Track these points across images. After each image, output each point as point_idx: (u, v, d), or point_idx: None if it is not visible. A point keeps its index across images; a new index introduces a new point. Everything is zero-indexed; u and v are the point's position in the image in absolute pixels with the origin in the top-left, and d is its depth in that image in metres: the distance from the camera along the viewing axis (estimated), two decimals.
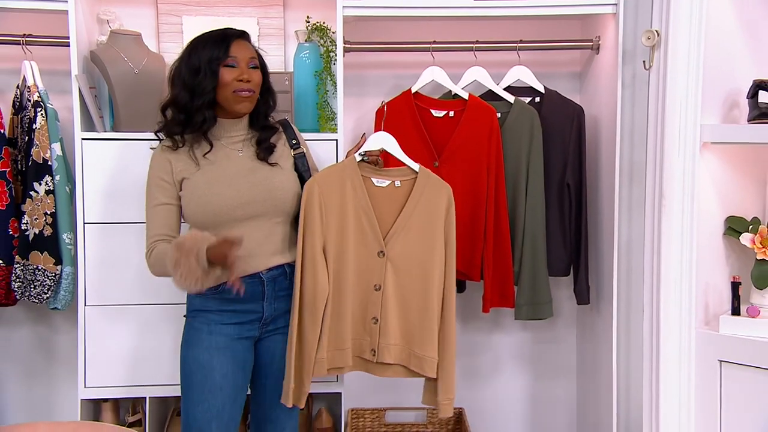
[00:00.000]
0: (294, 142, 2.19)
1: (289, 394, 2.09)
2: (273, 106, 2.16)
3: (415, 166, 2.17)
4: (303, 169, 2.16)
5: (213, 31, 2.06)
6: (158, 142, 2.10)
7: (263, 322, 2.10)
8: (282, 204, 2.08)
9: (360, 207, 2.14)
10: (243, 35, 2.07)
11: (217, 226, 2.00)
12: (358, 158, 2.16)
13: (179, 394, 2.44)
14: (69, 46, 2.34)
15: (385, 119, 2.42)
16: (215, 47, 2.00)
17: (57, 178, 2.38)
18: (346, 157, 2.22)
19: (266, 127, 2.14)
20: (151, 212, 2.04)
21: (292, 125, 2.24)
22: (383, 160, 2.22)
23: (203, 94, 1.99)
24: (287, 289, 2.12)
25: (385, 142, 2.19)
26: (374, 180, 2.16)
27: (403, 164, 2.19)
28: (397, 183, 2.16)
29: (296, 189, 2.12)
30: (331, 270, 2.13)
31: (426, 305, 2.15)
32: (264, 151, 2.10)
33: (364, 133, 2.24)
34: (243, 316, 2.07)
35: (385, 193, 2.16)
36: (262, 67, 2.10)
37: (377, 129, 2.43)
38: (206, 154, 2.05)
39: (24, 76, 2.41)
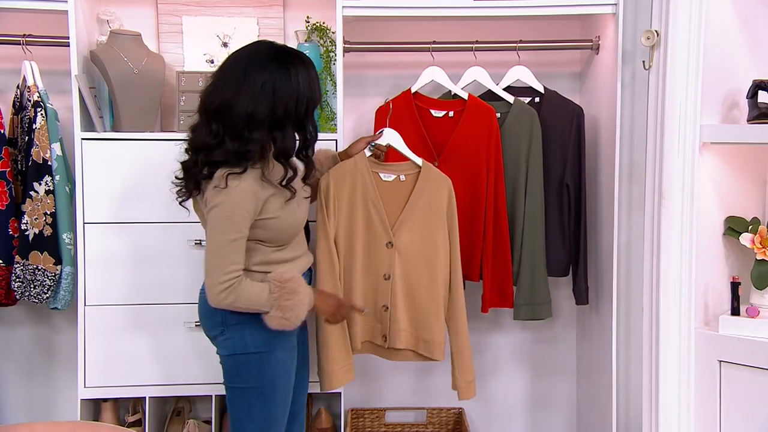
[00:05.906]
0: None
1: (333, 375, 2.23)
2: None
3: (419, 161, 2.29)
4: None
5: (308, 59, 1.91)
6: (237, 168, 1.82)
7: None
8: None
9: (370, 200, 2.26)
10: None
11: (287, 242, 1.97)
12: (368, 153, 2.27)
13: (178, 394, 2.46)
14: (69, 46, 2.34)
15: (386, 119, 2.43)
16: (317, 87, 1.90)
17: (57, 178, 2.38)
18: (357, 143, 2.29)
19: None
20: (230, 245, 1.82)
21: None
22: (385, 154, 2.31)
23: (304, 129, 1.91)
24: None
25: (391, 138, 2.30)
26: (381, 175, 2.28)
27: (407, 159, 2.29)
28: (402, 177, 2.28)
29: None
30: (341, 259, 2.24)
31: (432, 292, 2.27)
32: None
33: (382, 130, 2.31)
34: None
35: (391, 187, 2.28)
36: None
37: (377, 128, 2.44)
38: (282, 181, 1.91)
39: (24, 76, 2.42)
